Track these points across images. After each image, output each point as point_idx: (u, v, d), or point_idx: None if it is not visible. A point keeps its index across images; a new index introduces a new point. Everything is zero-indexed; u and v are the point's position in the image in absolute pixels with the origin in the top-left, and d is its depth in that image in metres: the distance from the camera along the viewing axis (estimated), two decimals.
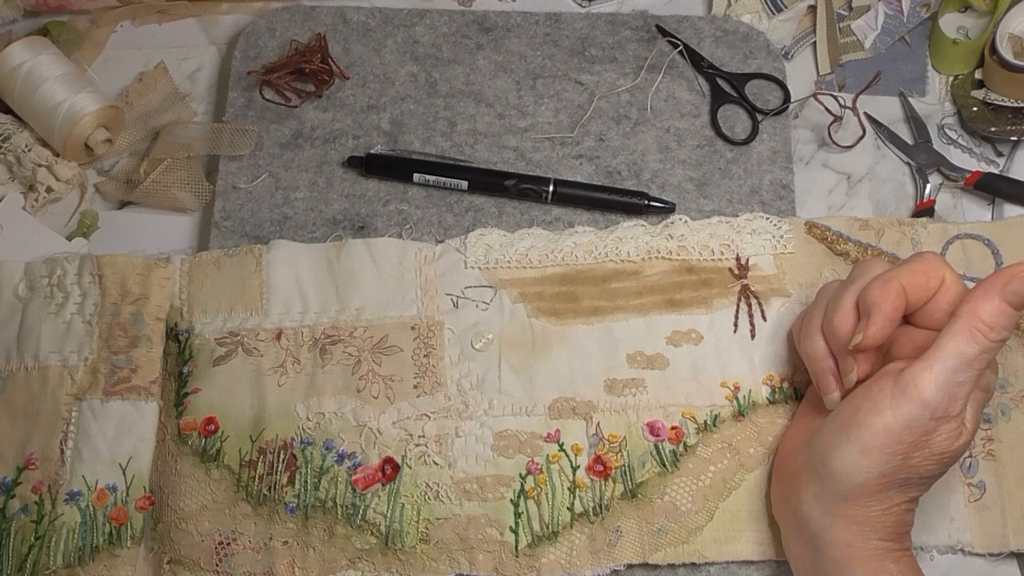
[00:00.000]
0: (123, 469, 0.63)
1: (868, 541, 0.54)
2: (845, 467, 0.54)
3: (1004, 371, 0.65)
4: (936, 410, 0.52)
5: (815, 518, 0.56)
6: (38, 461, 0.63)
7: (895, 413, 0.53)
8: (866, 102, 0.76)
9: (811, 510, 0.56)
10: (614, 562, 0.61)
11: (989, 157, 0.76)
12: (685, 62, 0.76)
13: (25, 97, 0.72)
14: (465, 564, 0.61)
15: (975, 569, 0.63)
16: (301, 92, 0.75)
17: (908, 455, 0.53)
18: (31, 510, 0.62)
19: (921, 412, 0.52)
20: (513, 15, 0.78)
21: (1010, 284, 0.52)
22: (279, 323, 0.66)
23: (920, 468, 0.54)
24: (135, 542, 0.61)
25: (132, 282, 0.67)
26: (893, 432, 0.53)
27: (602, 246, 0.69)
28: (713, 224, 0.69)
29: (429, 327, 0.66)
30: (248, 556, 0.60)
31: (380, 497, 0.62)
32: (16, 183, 0.74)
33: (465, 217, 0.72)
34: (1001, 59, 0.74)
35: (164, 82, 0.77)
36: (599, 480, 0.62)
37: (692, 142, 0.74)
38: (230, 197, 0.72)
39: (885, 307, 0.54)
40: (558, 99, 0.76)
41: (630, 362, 0.65)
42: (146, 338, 0.65)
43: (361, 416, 0.63)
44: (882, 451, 0.53)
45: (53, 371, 0.65)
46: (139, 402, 0.64)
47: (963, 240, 0.69)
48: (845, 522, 0.55)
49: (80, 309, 0.66)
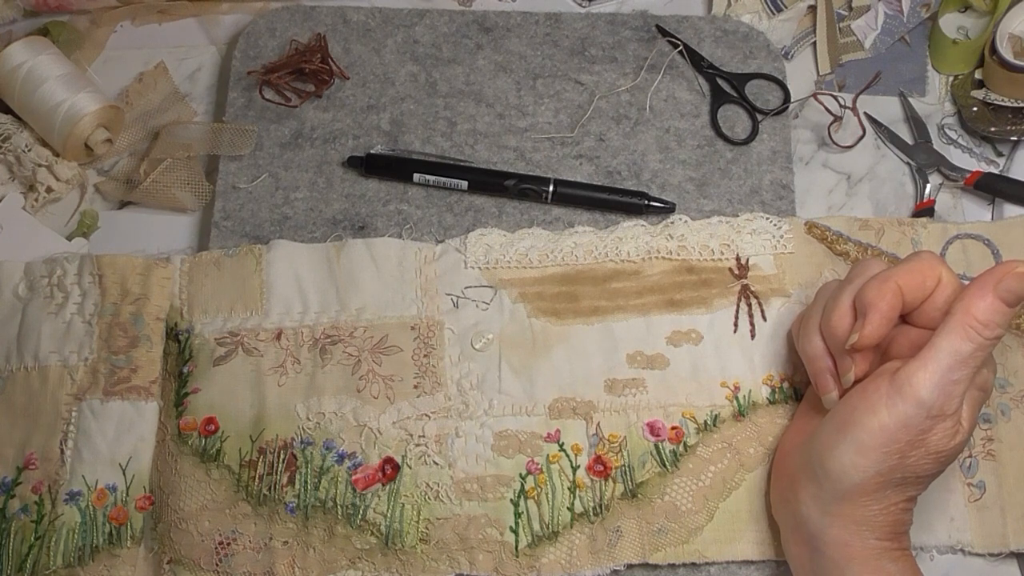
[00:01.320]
0: (123, 469, 0.63)
1: (866, 541, 0.54)
2: (842, 466, 0.54)
3: (1004, 371, 0.65)
4: (932, 408, 0.52)
5: (813, 518, 0.56)
6: (38, 461, 0.63)
7: (891, 412, 0.53)
8: (866, 102, 0.76)
9: (809, 510, 0.56)
10: (614, 562, 0.61)
11: (989, 157, 0.76)
12: (685, 62, 0.76)
13: (25, 97, 0.72)
14: (465, 564, 0.61)
15: (975, 569, 0.63)
16: (301, 92, 0.75)
17: (905, 454, 0.53)
18: (31, 510, 0.62)
19: (917, 411, 0.52)
20: (513, 15, 0.78)
21: (1003, 281, 0.52)
22: (279, 323, 0.66)
23: (917, 467, 0.54)
24: (135, 542, 0.61)
25: (132, 282, 0.67)
26: (889, 431, 0.53)
27: (602, 246, 0.69)
28: (713, 224, 0.69)
29: (429, 327, 0.66)
30: (248, 556, 0.60)
31: (380, 497, 0.62)
32: (16, 183, 0.74)
33: (465, 217, 0.72)
34: (1001, 59, 0.74)
35: (164, 82, 0.77)
36: (599, 480, 0.62)
37: (692, 142, 0.74)
38: (230, 197, 0.72)
39: (881, 306, 0.54)
40: (558, 99, 0.76)
41: (630, 362, 0.65)
42: (146, 338, 0.65)
43: (361, 416, 0.63)
44: (879, 450, 0.53)
45: (53, 371, 0.65)
46: (139, 402, 0.64)
47: (963, 240, 0.69)
48: (843, 522, 0.55)
49: (80, 309, 0.66)
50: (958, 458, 0.63)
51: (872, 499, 0.54)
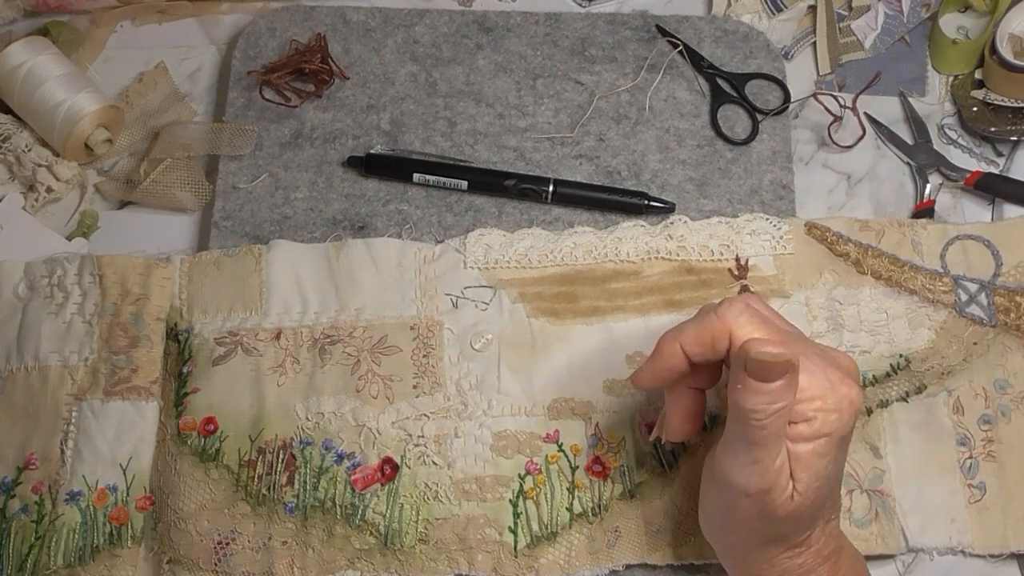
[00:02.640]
0: (123, 469, 0.63)
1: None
2: (711, 537, 0.56)
3: (1004, 372, 0.65)
4: (748, 489, 0.50)
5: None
6: (38, 461, 0.63)
7: (719, 497, 0.53)
8: (866, 102, 0.76)
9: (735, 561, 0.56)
10: (613, 562, 0.61)
11: (989, 157, 0.76)
12: (685, 62, 0.76)
13: (25, 97, 0.72)
14: (464, 564, 0.61)
15: (975, 570, 0.63)
16: (301, 92, 0.75)
17: (749, 526, 0.52)
18: (31, 510, 0.62)
19: (735, 495, 0.51)
20: (513, 15, 0.78)
21: (748, 365, 0.47)
22: (278, 323, 0.66)
23: (771, 530, 0.52)
24: (135, 542, 0.61)
25: (132, 282, 0.67)
26: (720, 513, 0.53)
27: (602, 246, 0.69)
28: (713, 224, 0.69)
29: (428, 327, 0.66)
30: (247, 556, 0.60)
31: (379, 497, 0.62)
32: (16, 183, 0.74)
33: (465, 217, 0.72)
34: (1001, 59, 0.74)
35: (164, 82, 0.77)
36: (598, 480, 0.62)
37: (692, 142, 0.74)
38: (230, 197, 0.72)
39: (655, 363, 0.53)
40: (558, 99, 0.76)
41: (629, 362, 0.65)
42: (146, 338, 0.65)
43: (360, 416, 0.63)
44: (722, 528, 0.54)
45: (53, 371, 0.65)
46: (139, 402, 0.64)
47: (963, 241, 0.69)
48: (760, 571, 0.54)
49: (80, 309, 0.66)
50: (959, 459, 0.63)
51: (757, 557, 0.53)
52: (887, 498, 0.62)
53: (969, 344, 0.66)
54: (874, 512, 0.62)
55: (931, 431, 0.64)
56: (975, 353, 0.65)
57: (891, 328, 0.66)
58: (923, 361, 0.65)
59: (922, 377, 0.65)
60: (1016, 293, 0.67)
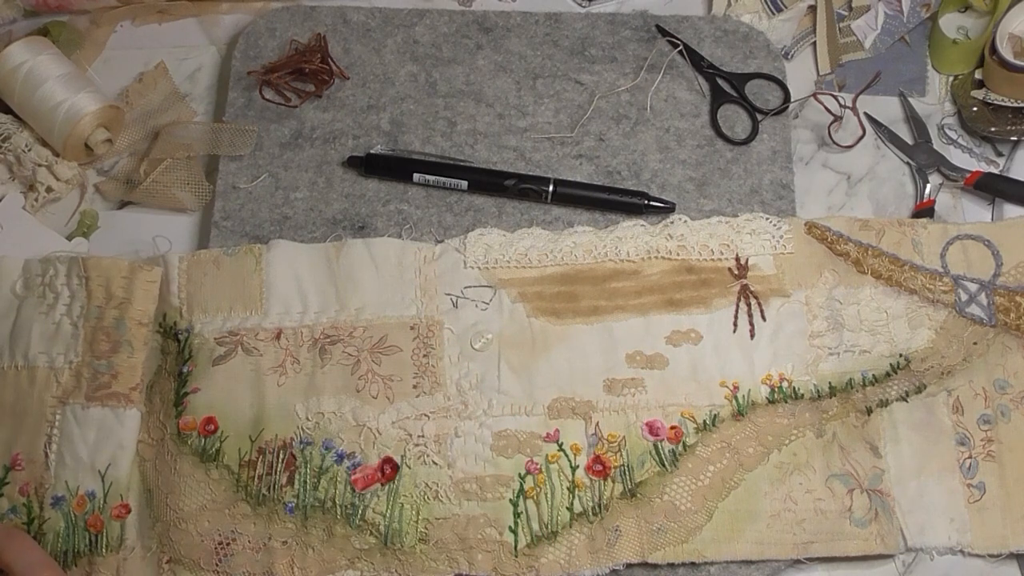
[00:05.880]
0: (102, 476, 0.62)
1: None
2: None
3: (1004, 372, 0.65)
4: None
5: None
6: (24, 462, 0.62)
7: None
8: (866, 102, 0.76)
9: None
10: (613, 562, 0.61)
11: (989, 157, 0.76)
12: (685, 62, 0.76)
13: (25, 97, 0.72)
14: (464, 564, 0.60)
15: (975, 570, 0.63)
16: (301, 92, 0.75)
17: None
18: (20, 511, 0.61)
19: None
20: (513, 15, 0.78)
21: None
22: (279, 323, 0.66)
23: None
24: (111, 551, 0.61)
25: (116, 285, 0.66)
26: None
27: (602, 246, 0.69)
28: (713, 224, 0.69)
29: (428, 327, 0.66)
30: (247, 556, 0.60)
31: (379, 497, 0.62)
32: (16, 183, 0.74)
33: (465, 217, 0.72)
34: (1001, 59, 0.74)
35: (164, 82, 0.77)
36: (598, 480, 0.62)
37: (692, 142, 0.74)
38: (230, 197, 0.72)
39: None
40: (558, 99, 0.76)
41: (629, 362, 0.65)
42: (127, 343, 0.65)
43: (360, 416, 0.63)
44: None
45: (40, 372, 0.64)
46: (119, 409, 0.63)
47: (963, 241, 0.69)
48: None
49: (68, 311, 0.66)
50: (958, 459, 0.63)
51: None
52: (887, 498, 0.62)
53: (969, 344, 0.66)
54: (874, 512, 0.62)
55: (931, 431, 0.64)
56: (975, 353, 0.65)
57: (891, 328, 0.66)
58: (923, 361, 0.66)
59: (922, 377, 0.65)
60: (1016, 293, 0.67)
